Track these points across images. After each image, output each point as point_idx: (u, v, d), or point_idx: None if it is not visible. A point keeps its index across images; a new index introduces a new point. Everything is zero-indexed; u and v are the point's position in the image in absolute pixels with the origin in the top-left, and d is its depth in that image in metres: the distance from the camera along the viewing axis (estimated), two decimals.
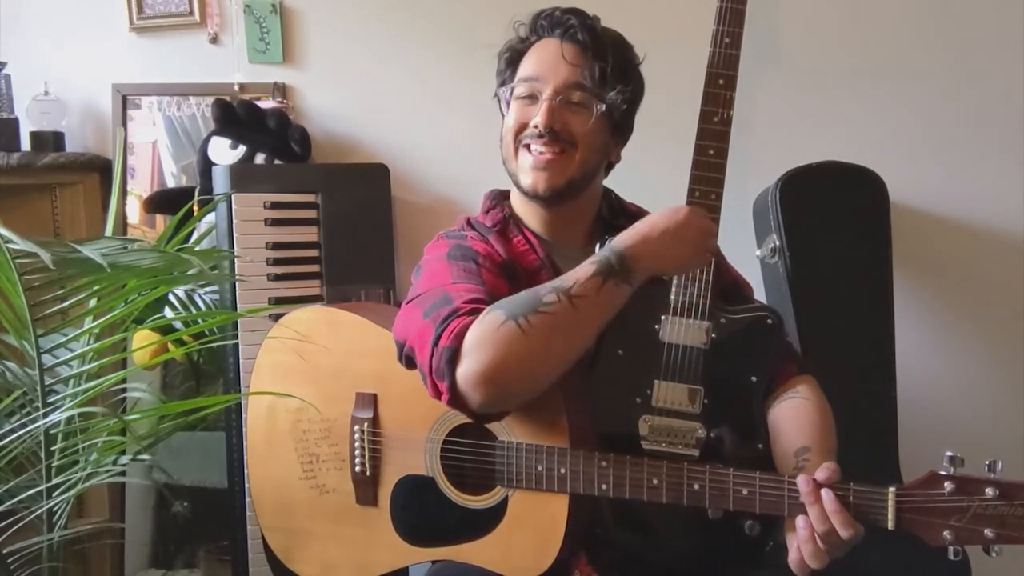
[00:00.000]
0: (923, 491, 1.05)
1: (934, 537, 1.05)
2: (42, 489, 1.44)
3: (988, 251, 2.05)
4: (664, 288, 1.30)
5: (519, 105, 1.33)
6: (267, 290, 1.81)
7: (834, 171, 1.88)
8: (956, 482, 1.04)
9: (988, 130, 2.03)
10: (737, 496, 1.14)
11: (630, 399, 1.28)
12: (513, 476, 1.23)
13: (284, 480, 1.39)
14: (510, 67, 1.38)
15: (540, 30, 1.37)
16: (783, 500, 1.12)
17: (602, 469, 1.19)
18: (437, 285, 1.24)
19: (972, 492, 1.03)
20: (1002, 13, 2.01)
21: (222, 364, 1.85)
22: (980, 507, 1.03)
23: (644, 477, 1.18)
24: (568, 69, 1.31)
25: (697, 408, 1.27)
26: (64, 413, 1.41)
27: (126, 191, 2.05)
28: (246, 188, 1.82)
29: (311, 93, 2.09)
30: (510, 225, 1.39)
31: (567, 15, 1.34)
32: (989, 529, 1.02)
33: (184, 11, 2.07)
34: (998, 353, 2.06)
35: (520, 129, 1.33)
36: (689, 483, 1.17)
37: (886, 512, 1.07)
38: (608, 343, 1.29)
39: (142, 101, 2.08)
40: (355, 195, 1.88)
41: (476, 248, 1.32)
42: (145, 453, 1.62)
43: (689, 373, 1.28)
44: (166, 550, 2.02)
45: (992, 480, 1.03)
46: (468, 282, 1.22)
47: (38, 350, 1.40)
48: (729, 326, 1.29)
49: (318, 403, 1.37)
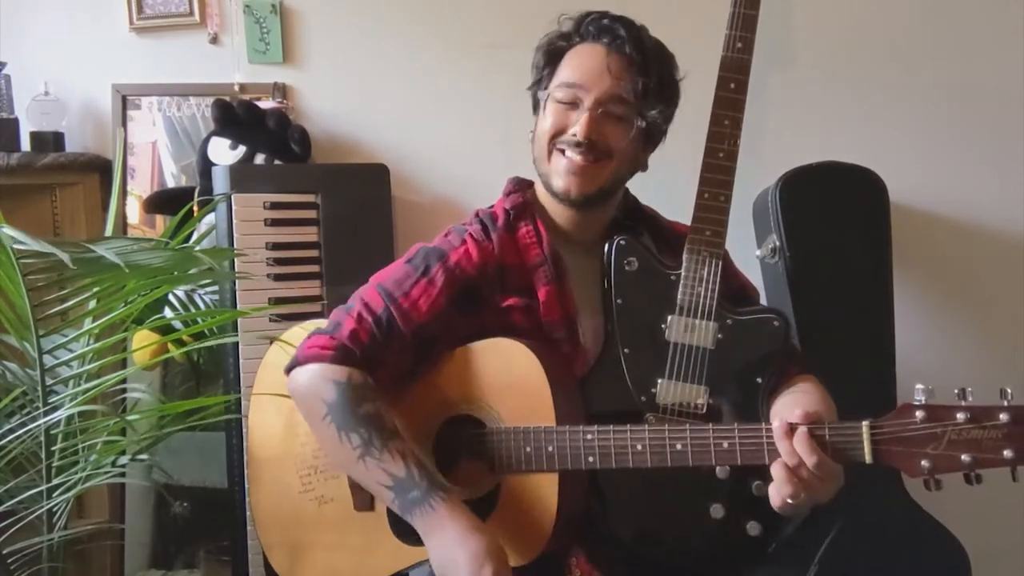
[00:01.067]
0: (896, 421, 1.07)
1: (912, 468, 1.06)
2: (42, 489, 1.44)
3: (988, 251, 2.05)
4: (671, 288, 1.30)
5: (558, 109, 1.32)
6: (267, 290, 1.81)
7: (834, 171, 1.88)
8: (927, 410, 1.05)
9: (988, 130, 2.03)
10: (719, 450, 1.15)
11: (635, 397, 1.29)
12: (503, 461, 1.24)
13: (284, 497, 1.38)
14: (549, 64, 1.37)
15: (586, 34, 1.35)
16: (763, 448, 1.13)
17: (587, 442, 1.20)
18: (371, 284, 1.34)
19: (944, 418, 1.04)
20: (1002, 13, 2.01)
21: (222, 364, 1.85)
22: (954, 433, 1.04)
23: (628, 444, 1.19)
24: (612, 81, 1.29)
25: (702, 408, 1.28)
26: (65, 412, 1.41)
27: (126, 191, 2.05)
28: (246, 188, 1.82)
29: (311, 93, 2.09)
30: (525, 213, 1.37)
31: (616, 23, 1.33)
32: (966, 454, 1.03)
33: (184, 11, 2.06)
34: (998, 353, 2.06)
35: (557, 133, 1.32)
36: (671, 444, 1.17)
37: (862, 446, 1.08)
38: (614, 341, 1.31)
39: (142, 101, 2.08)
40: (355, 195, 1.88)
41: (452, 256, 1.33)
42: (145, 453, 1.62)
43: (694, 373, 1.29)
44: (166, 550, 2.02)
45: (963, 406, 1.04)
46: (390, 298, 1.30)
47: (39, 351, 1.40)
48: (735, 327, 1.30)
49: None
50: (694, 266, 1.30)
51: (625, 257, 1.33)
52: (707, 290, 1.30)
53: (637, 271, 1.33)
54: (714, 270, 1.29)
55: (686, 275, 1.30)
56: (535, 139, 1.36)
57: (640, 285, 1.32)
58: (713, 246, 1.31)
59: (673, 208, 1.47)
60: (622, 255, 1.33)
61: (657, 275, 1.32)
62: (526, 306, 1.31)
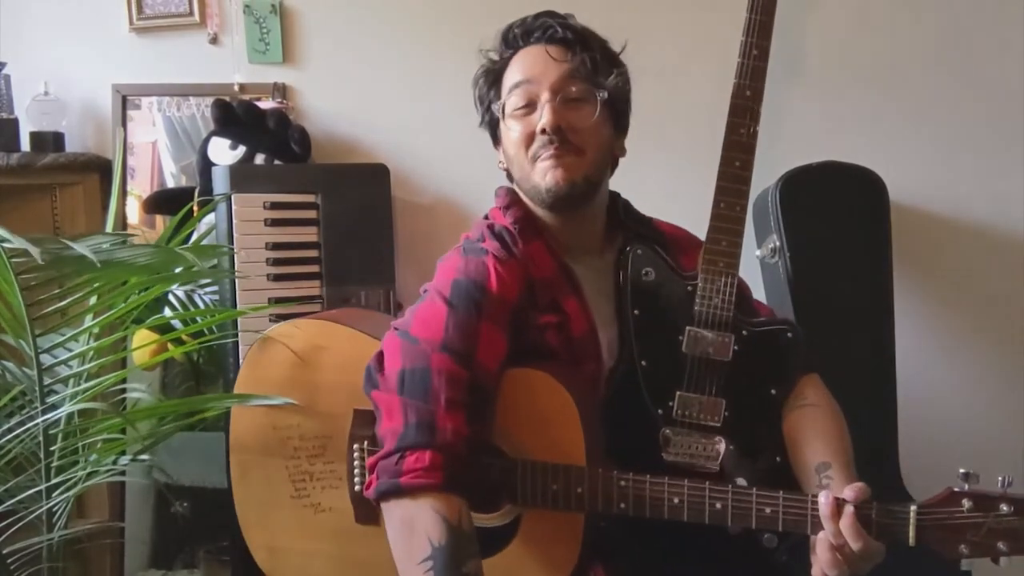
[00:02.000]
0: (943, 508, 1.09)
1: (951, 551, 1.09)
2: (42, 489, 1.43)
3: (988, 251, 2.05)
4: (688, 299, 1.28)
5: (518, 117, 1.29)
6: (267, 290, 1.81)
7: (834, 171, 1.88)
8: (973, 499, 1.08)
9: (988, 130, 2.03)
10: (760, 515, 1.14)
11: (652, 410, 1.27)
12: (528, 494, 1.20)
13: (272, 499, 1.34)
14: (492, 88, 1.34)
15: (515, 42, 1.32)
16: (806, 519, 1.12)
17: (621, 488, 1.17)
18: (426, 348, 1.17)
19: (988, 508, 1.07)
20: (1002, 13, 2.01)
21: (222, 364, 1.85)
22: (995, 522, 1.07)
23: (664, 496, 1.16)
24: (558, 65, 1.27)
25: (718, 420, 1.26)
26: (64, 410, 1.41)
27: (126, 191, 2.05)
28: (246, 188, 1.82)
29: (311, 93, 2.09)
30: (530, 226, 1.32)
31: (540, 18, 1.31)
32: (1002, 543, 1.07)
33: (184, 11, 2.07)
34: (998, 352, 2.06)
35: (528, 140, 1.27)
36: (711, 503, 1.15)
37: (908, 529, 1.09)
38: (631, 354, 1.28)
39: (142, 101, 2.08)
40: (355, 195, 1.88)
41: (487, 285, 1.22)
42: (145, 453, 1.62)
43: (712, 385, 1.27)
44: (166, 550, 2.02)
45: (1007, 496, 1.07)
46: (455, 370, 1.15)
47: (36, 350, 1.40)
48: (750, 339, 1.28)
49: (312, 418, 1.32)
50: (711, 277, 1.28)
51: (643, 267, 1.30)
52: (724, 301, 1.28)
53: (655, 282, 1.30)
54: (730, 281, 1.28)
55: (703, 286, 1.28)
56: (511, 162, 1.32)
57: (658, 296, 1.30)
58: (730, 256, 1.29)
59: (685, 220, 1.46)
60: (639, 265, 1.30)
61: (674, 286, 1.30)
62: (558, 323, 1.26)
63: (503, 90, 1.32)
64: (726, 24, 1.40)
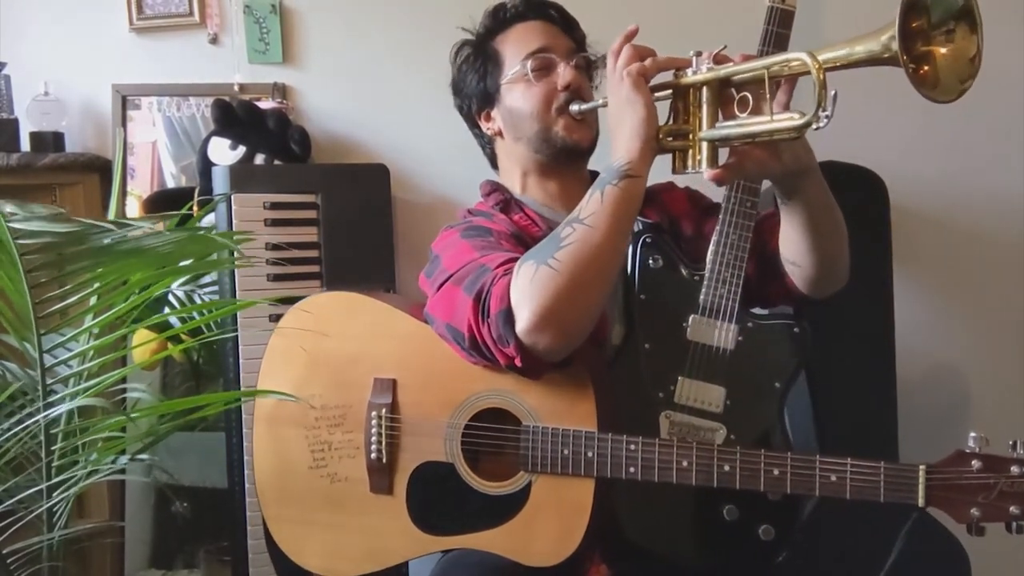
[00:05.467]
0: (952, 468, 1.09)
1: (962, 515, 1.09)
2: (42, 488, 1.43)
3: (988, 251, 2.05)
4: (694, 288, 1.32)
5: (535, 79, 1.40)
6: (267, 290, 1.81)
7: (834, 171, 1.86)
8: (984, 460, 1.08)
9: (988, 130, 2.04)
10: (768, 477, 1.15)
11: (653, 393, 1.30)
12: (538, 461, 1.23)
13: (291, 469, 1.37)
14: (487, 61, 1.46)
15: (509, 19, 1.46)
16: (814, 480, 1.13)
17: (630, 452, 1.20)
18: (468, 261, 1.26)
19: (1000, 470, 1.08)
20: (1002, 12, 2.01)
21: (222, 364, 1.85)
22: (1006, 484, 1.07)
23: (673, 459, 1.19)
24: (565, 38, 1.44)
25: (719, 408, 1.29)
26: (65, 406, 1.41)
27: (126, 191, 2.05)
28: (246, 188, 1.82)
29: (311, 93, 2.09)
30: (511, 205, 1.44)
31: (533, 2, 1.47)
32: (1015, 506, 1.07)
33: (184, 11, 2.06)
34: (998, 353, 2.06)
35: (550, 97, 1.39)
36: (720, 465, 1.17)
37: (917, 489, 1.10)
38: (635, 336, 1.32)
39: (142, 101, 2.08)
40: (355, 195, 1.88)
41: (486, 225, 1.37)
42: (145, 452, 1.62)
43: (713, 372, 1.30)
44: (166, 550, 2.01)
45: (1018, 458, 1.07)
46: (494, 251, 1.25)
47: (40, 349, 1.40)
48: (756, 331, 1.32)
49: (333, 389, 1.36)
50: (718, 268, 1.32)
51: (651, 254, 1.35)
52: (730, 292, 1.31)
53: (662, 268, 1.34)
54: (738, 273, 1.31)
55: (710, 276, 1.32)
56: (524, 119, 1.42)
57: (664, 283, 1.34)
58: (739, 250, 1.33)
59: None
60: (647, 252, 1.35)
61: (680, 274, 1.34)
62: None
63: (510, 59, 1.44)
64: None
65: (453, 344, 1.26)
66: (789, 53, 1.03)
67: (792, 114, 1.03)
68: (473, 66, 1.48)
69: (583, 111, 1.37)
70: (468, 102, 1.51)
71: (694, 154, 1.10)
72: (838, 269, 1.36)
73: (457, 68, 1.53)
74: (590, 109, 1.37)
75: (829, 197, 1.27)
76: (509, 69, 1.43)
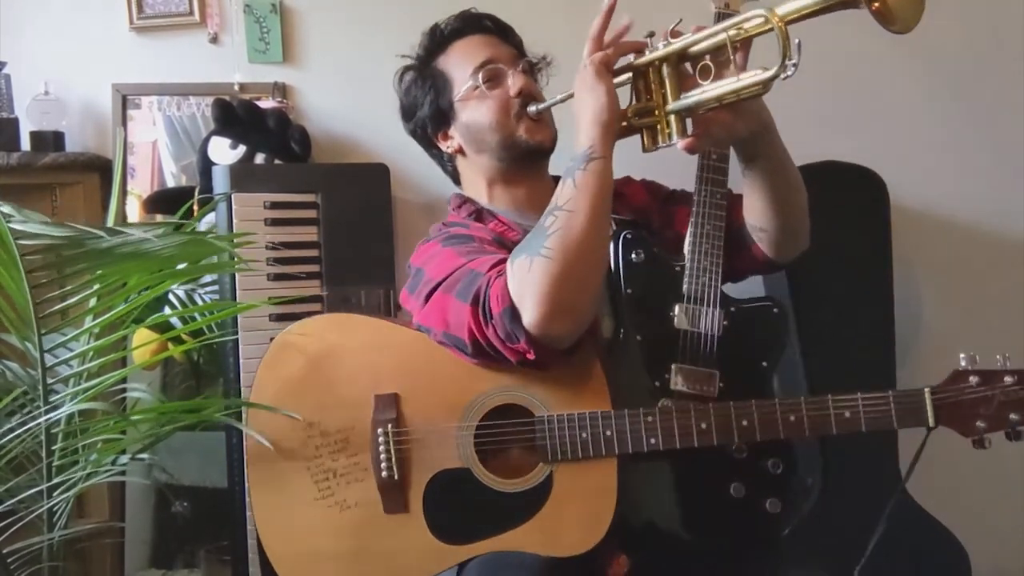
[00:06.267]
0: (953, 386, 1.19)
1: (969, 429, 1.18)
2: (42, 488, 1.43)
3: (988, 251, 2.05)
4: (677, 278, 1.37)
5: (487, 90, 1.44)
6: (267, 290, 1.81)
7: (834, 171, 1.88)
8: (980, 375, 1.18)
9: (988, 130, 2.04)
10: (786, 423, 1.21)
11: (649, 382, 1.33)
12: (557, 449, 1.24)
13: (295, 505, 1.31)
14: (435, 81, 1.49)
15: (448, 38, 1.50)
16: (830, 418, 1.20)
17: (649, 424, 1.23)
18: (455, 267, 1.27)
19: (995, 382, 1.17)
20: (1002, 12, 2.02)
21: (222, 364, 1.85)
22: (1003, 394, 1.17)
23: (693, 424, 1.23)
24: (507, 47, 1.49)
25: (713, 391, 1.33)
26: (66, 409, 1.41)
27: (126, 191, 2.05)
28: (246, 188, 1.82)
29: (311, 93, 2.09)
30: (484, 214, 1.46)
31: (466, 15, 1.51)
32: (1014, 413, 1.16)
33: (184, 11, 2.06)
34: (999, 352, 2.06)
35: (507, 105, 1.43)
36: (738, 420, 1.22)
37: (926, 411, 1.18)
38: (626, 329, 1.36)
39: (142, 101, 2.08)
40: (355, 195, 1.88)
41: (466, 232, 1.39)
42: (145, 453, 1.62)
43: (705, 357, 1.34)
44: (166, 550, 2.01)
45: (1009, 370, 1.18)
46: (481, 255, 1.27)
47: (41, 349, 1.40)
48: (739, 315, 1.37)
49: (332, 413, 1.32)
50: (698, 258, 1.37)
51: (632, 249, 1.38)
52: (711, 279, 1.36)
53: (644, 262, 1.38)
54: (716, 261, 1.37)
55: (691, 266, 1.37)
56: (484, 132, 1.44)
57: (648, 276, 1.38)
58: (714, 239, 1.38)
59: None
60: (629, 248, 1.39)
61: (662, 266, 1.39)
62: None
63: (457, 76, 1.46)
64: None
65: (454, 350, 1.27)
66: (747, 13, 1.07)
67: (757, 71, 1.07)
68: (422, 89, 1.51)
69: (540, 110, 1.42)
70: (422, 124, 1.53)
71: (663, 128, 1.16)
72: (802, 227, 1.42)
73: (404, 93, 1.56)
74: (547, 107, 1.41)
75: (786, 153, 1.33)
76: (459, 86, 1.46)
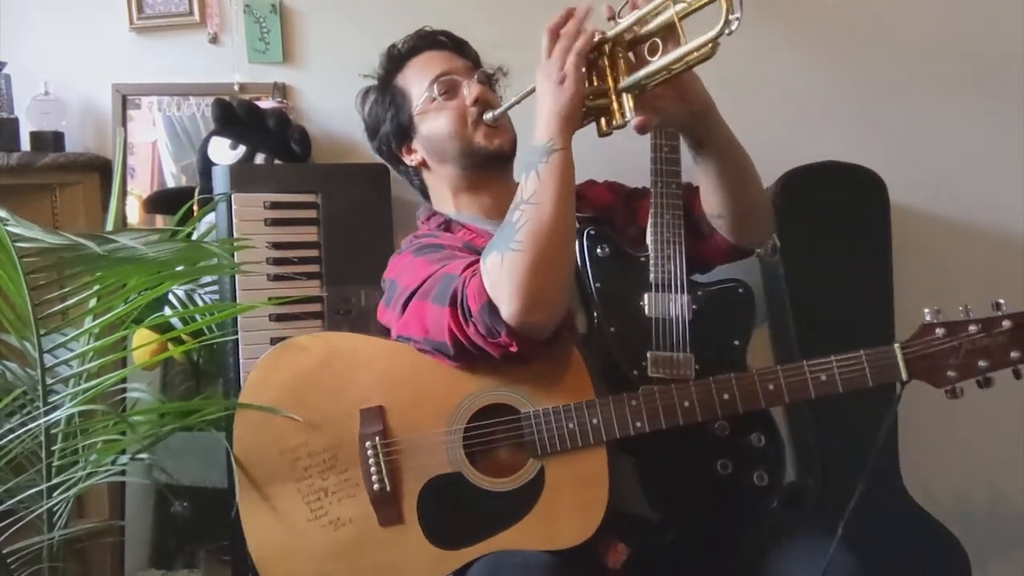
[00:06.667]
0: (921, 339, 1.22)
1: (941, 379, 1.21)
2: (42, 488, 1.43)
3: (988, 251, 2.05)
4: (643, 268, 1.41)
5: (444, 100, 1.48)
6: (267, 290, 1.81)
7: (834, 171, 1.89)
8: (945, 327, 1.21)
9: (988, 130, 2.04)
10: (766, 392, 1.24)
11: (627, 372, 1.36)
12: (546, 443, 1.25)
13: (289, 529, 1.31)
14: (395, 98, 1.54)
15: (404, 56, 1.57)
16: (807, 383, 1.23)
17: (633, 407, 1.25)
18: (428, 275, 1.29)
19: (960, 331, 1.20)
20: (1002, 11, 2.01)
21: (222, 364, 1.85)
22: (969, 343, 1.19)
23: (676, 403, 1.25)
24: (461, 60, 1.55)
25: (690, 373, 1.36)
26: (65, 411, 1.41)
27: (126, 191, 2.05)
28: (246, 188, 1.82)
29: (311, 93, 2.09)
30: (452, 225, 1.49)
31: (421, 33, 1.59)
32: (981, 360, 1.19)
33: (184, 11, 2.06)
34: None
35: (463, 114, 1.47)
36: (719, 394, 1.24)
37: (898, 366, 1.21)
38: (600, 322, 1.39)
39: (142, 101, 2.08)
40: (355, 195, 1.88)
41: (436, 242, 1.42)
42: (145, 453, 1.62)
43: (679, 342, 1.38)
44: (166, 550, 2.01)
45: (973, 319, 1.20)
46: (452, 260, 1.29)
47: (40, 350, 1.40)
48: (706, 298, 1.42)
49: (318, 432, 1.32)
50: (660, 247, 1.42)
51: (597, 244, 1.43)
52: (676, 266, 1.41)
53: (610, 256, 1.43)
54: (678, 248, 1.41)
55: (655, 256, 1.41)
56: (444, 141, 1.48)
57: (615, 269, 1.42)
58: (674, 228, 1.43)
59: None
60: (594, 243, 1.43)
61: (627, 258, 1.44)
62: None
63: (415, 91, 1.52)
64: None
65: (436, 356, 1.28)
66: None
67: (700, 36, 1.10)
68: (382, 106, 1.57)
69: (497, 116, 1.45)
70: (386, 141, 1.58)
71: (617, 108, 1.18)
72: (759, 209, 1.45)
73: (367, 113, 1.61)
74: (503, 112, 1.44)
75: (734, 137, 1.35)
76: (417, 100, 1.51)
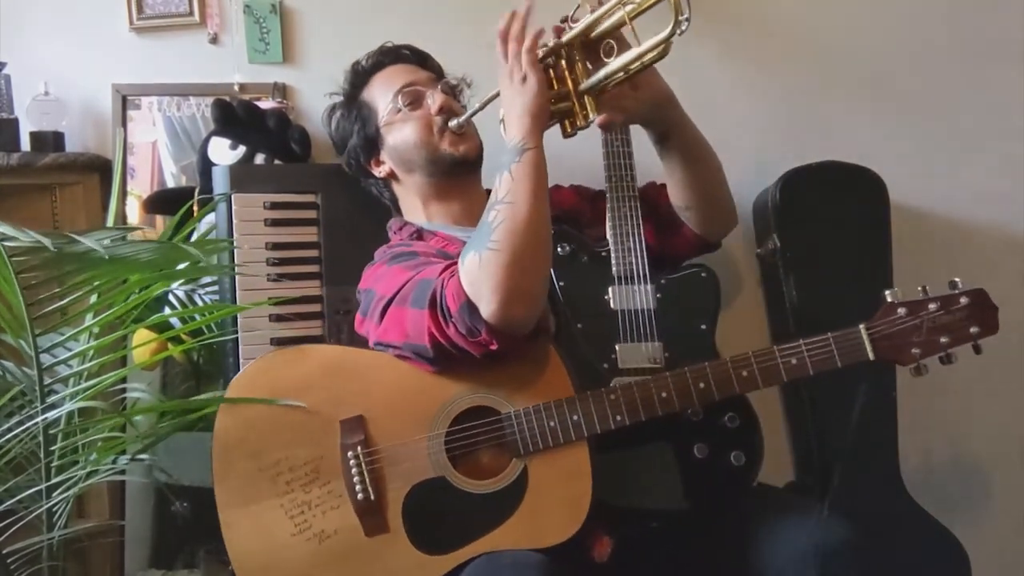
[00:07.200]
0: (884, 320, 1.25)
1: (907, 358, 1.25)
2: (42, 488, 1.44)
3: (988, 251, 2.05)
4: (604, 263, 1.44)
5: (409, 111, 1.53)
6: (267, 290, 1.80)
7: (834, 171, 1.88)
8: (907, 306, 1.25)
9: (988, 130, 2.04)
10: (739, 378, 1.26)
11: (598, 365, 1.38)
12: (528, 442, 1.26)
13: (272, 544, 1.30)
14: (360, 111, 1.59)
15: (368, 71, 1.61)
16: (779, 368, 1.25)
17: (612, 401, 1.26)
18: (404, 281, 1.30)
19: (919, 310, 1.25)
20: (1001, 12, 2.01)
21: (222, 364, 1.85)
22: (930, 321, 1.23)
23: (653, 394, 1.27)
24: (425, 71, 1.60)
25: (661, 362, 1.39)
26: (64, 409, 1.41)
27: (126, 191, 2.04)
28: (246, 188, 1.82)
29: (311, 93, 2.08)
30: (424, 234, 1.52)
31: (382, 52, 1.62)
32: (943, 337, 1.24)
33: (184, 11, 2.06)
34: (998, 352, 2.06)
35: (429, 123, 1.52)
36: (695, 383, 1.26)
37: (864, 346, 1.25)
38: (567, 320, 1.41)
39: (142, 101, 2.08)
40: (355, 195, 1.87)
41: (410, 250, 1.43)
42: (145, 452, 1.62)
43: (646, 332, 1.40)
44: (166, 550, 2.01)
45: (931, 297, 1.25)
46: (428, 265, 1.31)
47: (36, 349, 1.40)
48: (670, 285, 1.45)
49: (299, 446, 1.32)
50: (620, 239, 1.44)
51: (558, 243, 1.46)
52: (637, 257, 1.43)
53: (571, 254, 1.45)
54: (638, 239, 1.44)
55: (615, 249, 1.44)
56: (411, 151, 1.53)
57: (577, 266, 1.45)
58: (632, 219, 1.47)
59: None
60: (554, 242, 1.42)
61: (589, 254, 1.46)
62: None
63: (381, 104, 1.57)
64: None
65: (416, 361, 1.29)
66: None
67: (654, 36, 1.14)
68: (349, 120, 1.61)
69: (462, 123, 1.47)
70: (355, 155, 1.62)
71: (579, 110, 1.22)
72: (724, 200, 1.51)
73: (335, 128, 1.66)
74: (467, 119, 1.46)
75: (696, 129, 1.42)
76: (383, 112, 1.56)
